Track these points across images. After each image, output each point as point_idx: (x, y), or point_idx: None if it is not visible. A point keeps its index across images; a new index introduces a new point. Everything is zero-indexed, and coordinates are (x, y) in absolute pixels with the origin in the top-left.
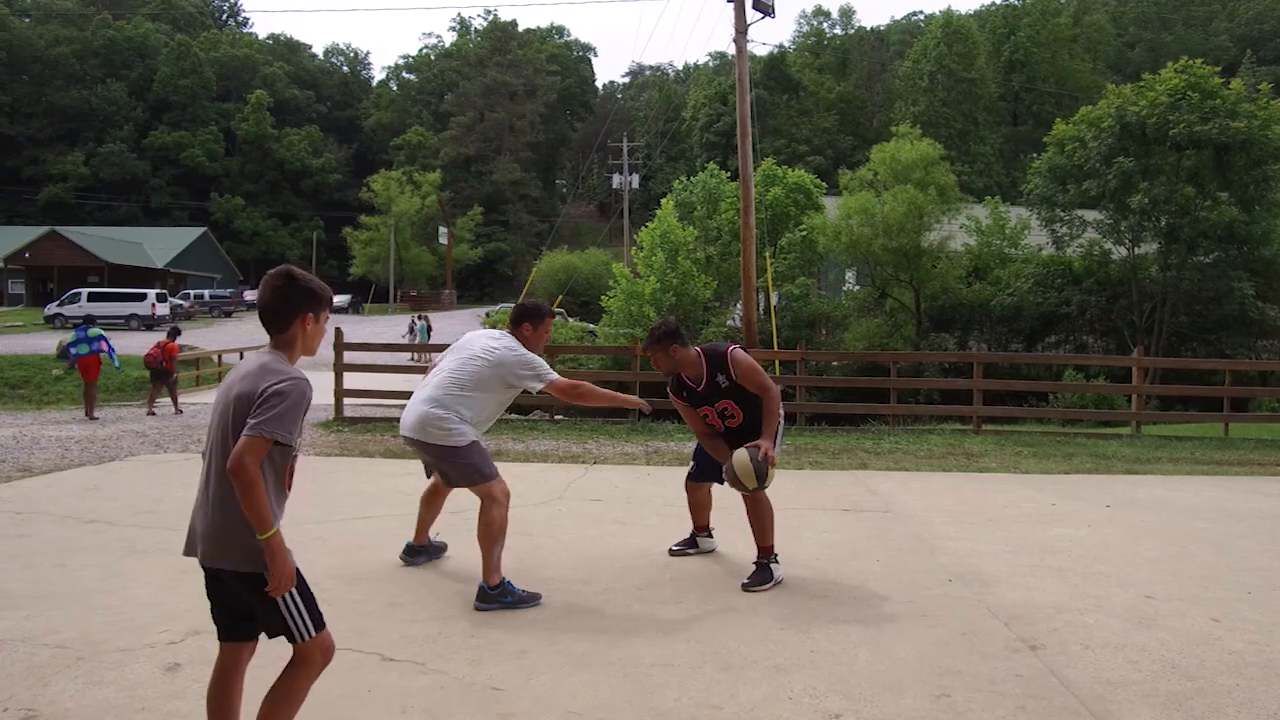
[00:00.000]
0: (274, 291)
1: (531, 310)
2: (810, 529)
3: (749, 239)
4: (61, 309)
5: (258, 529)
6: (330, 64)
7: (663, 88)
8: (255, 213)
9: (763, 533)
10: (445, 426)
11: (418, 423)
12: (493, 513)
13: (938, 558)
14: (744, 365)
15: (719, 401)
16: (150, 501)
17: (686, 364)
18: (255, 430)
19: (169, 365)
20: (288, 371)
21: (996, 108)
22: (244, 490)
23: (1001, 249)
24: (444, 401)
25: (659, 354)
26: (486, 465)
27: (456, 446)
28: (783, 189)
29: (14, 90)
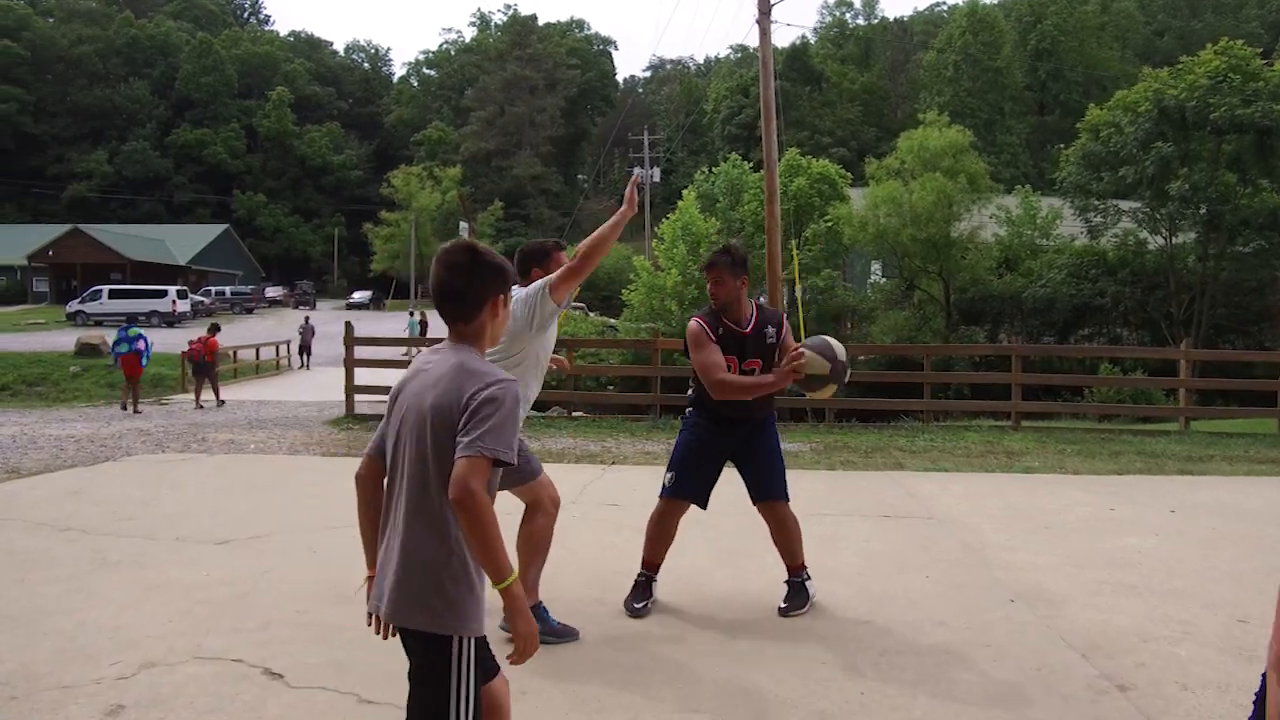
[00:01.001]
0: (457, 271)
1: (534, 251)
2: (849, 538)
3: (774, 229)
4: (83, 306)
5: (494, 575)
6: (351, 60)
7: (684, 81)
8: (277, 209)
9: (793, 550)
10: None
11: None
12: (536, 522)
13: (993, 572)
14: (787, 326)
15: (752, 358)
16: (134, 506)
17: (739, 301)
18: (474, 448)
19: (210, 359)
20: (493, 373)
21: (1023, 97)
22: (475, 524)
23: (1033, 239)
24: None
25: (727, 276)
26: (528, 465)
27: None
28: (807, 180)
29: (38, 90)
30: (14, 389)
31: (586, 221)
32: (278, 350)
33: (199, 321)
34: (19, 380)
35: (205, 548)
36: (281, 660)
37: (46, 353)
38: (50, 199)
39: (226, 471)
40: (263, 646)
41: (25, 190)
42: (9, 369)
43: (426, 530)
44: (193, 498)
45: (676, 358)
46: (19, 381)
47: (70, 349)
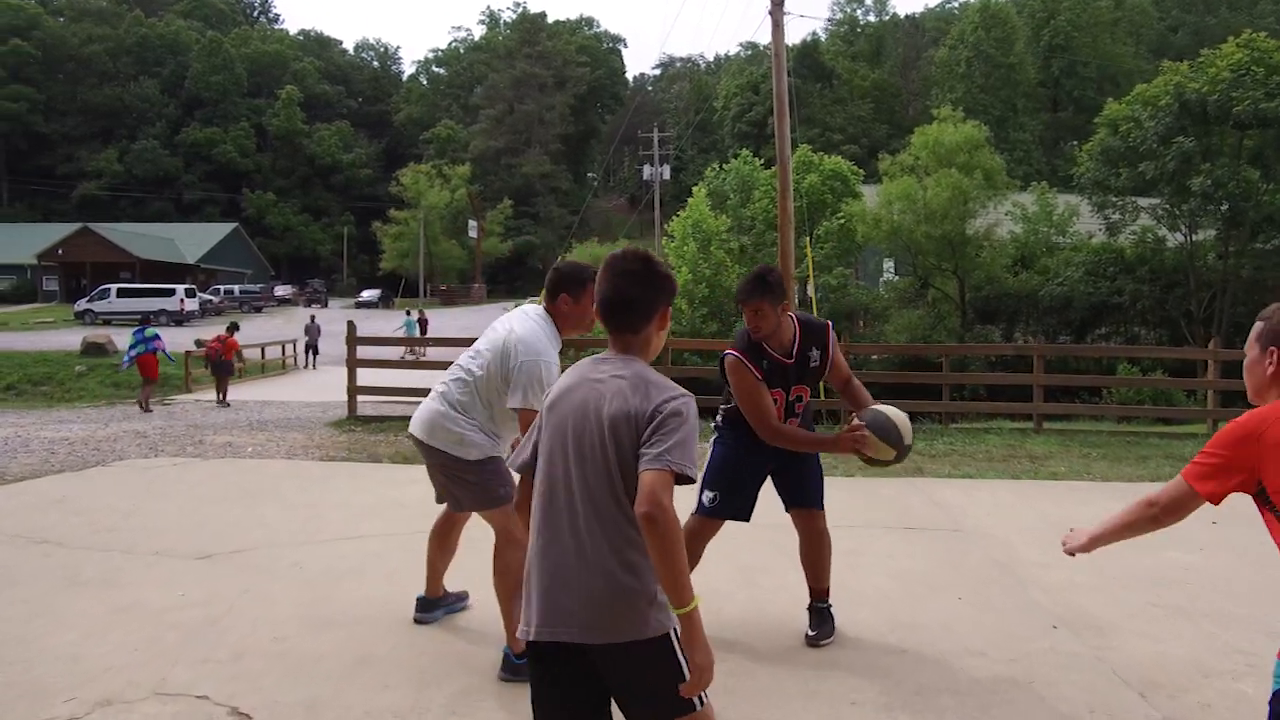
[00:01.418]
0: (631, 279)
1: (569, 275)
2: (871, 553)
3: (787, 224)
4: (91, 305)
5: (675, 598)
6: (361, 59)
7: (694, 78)
8: (287, 208)
9: (821, 570)
10: (456, 431)
11: (427, 421)
12: (509, 554)
13: (1030, 593)
14: (839, 352)
15: (799, 384)
16: (117, 516)
17: (781, 329)
18: (661, 462)
19: (229, 358)
20: (675, 386)
21: (1036, 94)
22: (665, 540)
23: (1049, 237)
24: (453, 400)
25: (768, 307)
26: (503, 486)
27: (465, 460)
28: (819, 176)
29: (49, 89)
30: (19, 388)
31: (595, 219)
32: (284, 350)
33: (208, 320)
34: (24, 379)
35: (184, 563)
36: (251, 698)
37: (52, 352)
38: (61, 198)
39: (218, 478)
40: (232, 681)
41: (36, 189)
42: (14, 368)
43: (619, 540)
44: (178, 507)
45: (686, 358)
46: (24, 381)
47: (76, 348)
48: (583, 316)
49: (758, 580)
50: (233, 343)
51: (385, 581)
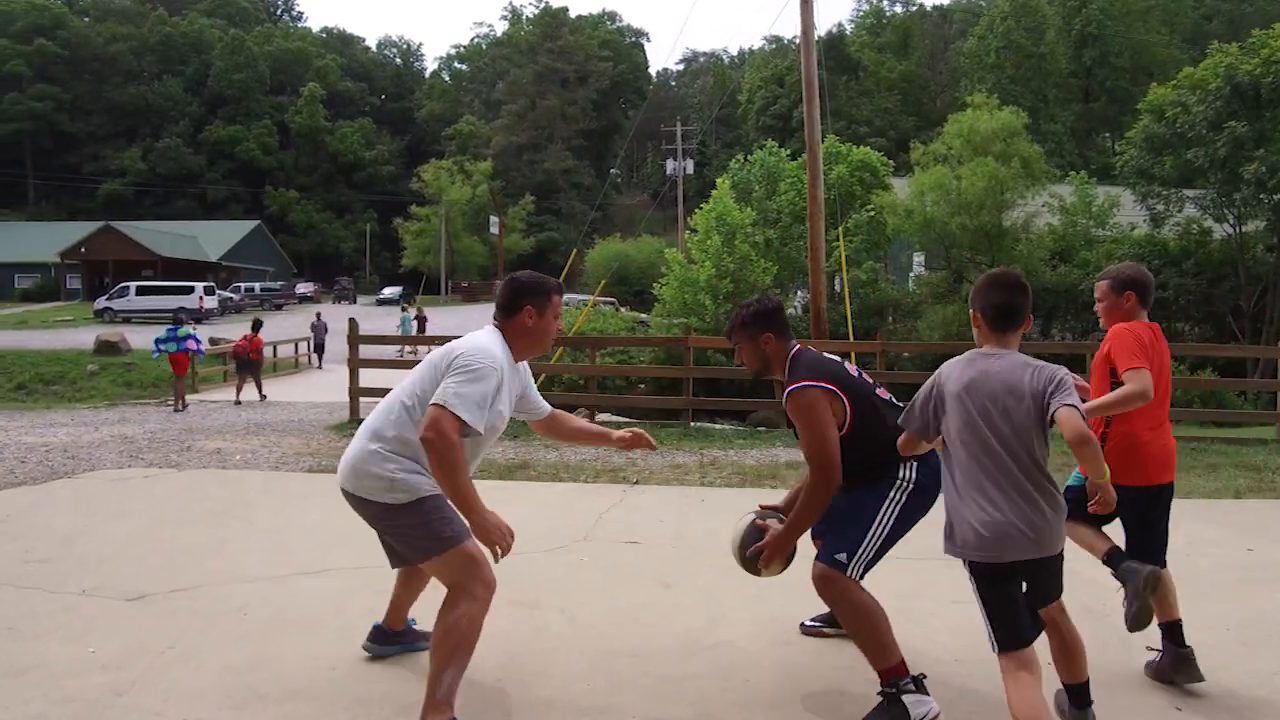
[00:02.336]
0: (1020, 292)
1: (532, 287)
2: (932, 595)
3: (817, 214)
4: (111, 303)
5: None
6: (383, 56)
7: (717, 73)
8: (309, 205)
9: (866, 647)
10: (381, 472)
11: (352, 466)
12: (458, 610)
13: (1135, 654)
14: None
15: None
16: (56, 543)
17: (775, 364)
18: (1070, 401)
19: (255, 357)
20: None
21: (1067, 84)
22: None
23: (1088, 229)
24: (385, 432)
25: (744, 343)
26: (449, 525)
27: (393, 505)
28: (847, 167)
29: (74, 88)
30: (30, 387)
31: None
32: (296, 348)
33: (228, 318)
34: (36, 379)
35: (110, 607)
36: None
37: (65, 350)
38: (86, 196)
39: (188, 493)
40: None
41: (62, 188)
42: (26, 367)
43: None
44: (130, 530)
45: (710, 356)
46: (35, 380)
47: (88, 347)
48: (544, 334)
49: (791, 635)
50: (258, 341)
51: (340, 637)
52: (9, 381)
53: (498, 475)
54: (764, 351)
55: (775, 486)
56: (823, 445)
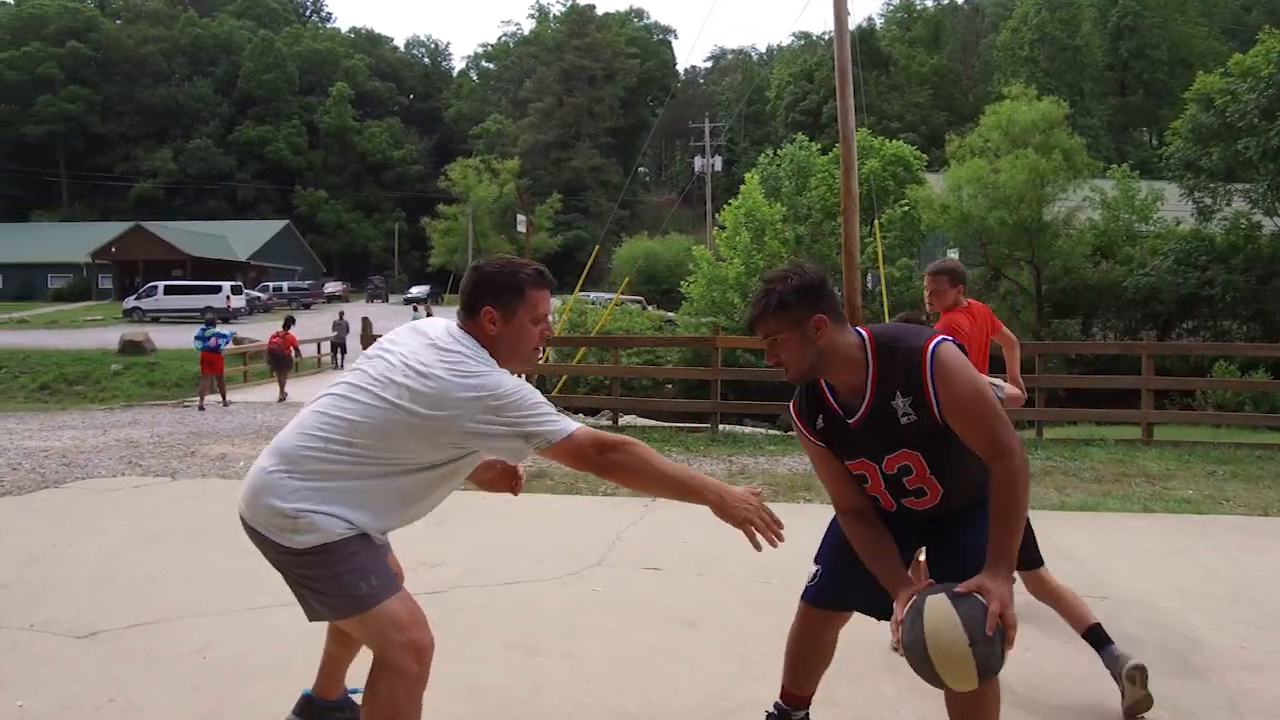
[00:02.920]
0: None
1: (492, 280)
2: None
3: (851, 208)
4: (139, 302)
5: None
6: (411, 56)
7: (745, 69)
8: (338, 205)
9: None
10: (280, 506)
11: (251, 489)
12: (381, 688)
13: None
14: (960, 383)
15: (893, 452)
16: (18, 565)
17: (835, 360)
18: None
19: (288, 354)
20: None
21: (1103, 78)
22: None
23: (1130, 224)
24: (299, 459)
25: (785, 333)
26: (363, 581)
27: (293, 550)
28: (880, 162)
29: (106, 90)
30: (54, 387)
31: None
32: (319, 348)
33: (255, 318)
34: (60, 379)
35: (56, 646)
36: None
37: (91, 350)
38: (118, 197)
39: (177, 506)
40: None
41: (94, 189)
42: (51, 367)
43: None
44: (100, 550)
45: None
46: (59, 380)
47: (112, 347)
48: (518, 344)
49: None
50: (291, 338)
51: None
52: (33, 382)
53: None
54: (815, 343)
55: (810, 499)
56: (999, 416)
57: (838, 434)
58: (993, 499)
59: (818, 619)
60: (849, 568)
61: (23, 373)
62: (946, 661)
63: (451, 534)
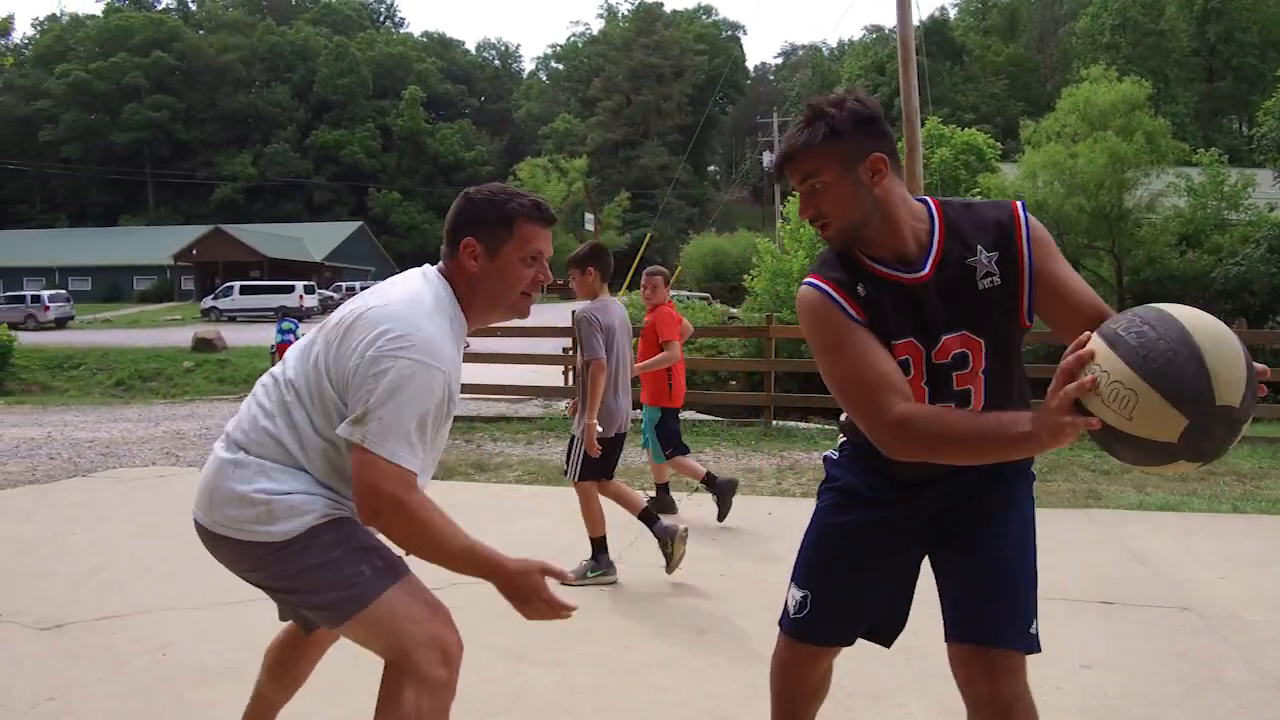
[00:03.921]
0: None
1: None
2: (1062, 661)
3: (915, 192)
4: (216, 302)
5: None
6: (482, 58)
7: (817, 64)
8: (411, 207)
9: None
10: (247, 493)
11: (207, 487)
12: (403, 703)
13: None
14: (1054, 251)
15: (956, 331)
16: (11, 553)
17: (890, 216)
18: None
19: None
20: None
21: (1189, 63)
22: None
23: (1219, 211)
24: (252, 437)
25: (830, 168)
26: (364, 560)
27: (274, 545)
28: (951, 150)
29: (188, 98)
30: (128, 383)
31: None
32: None
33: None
34: (135, 375)
35: (17, 637)
36: None
37: (166, 348)
38: (201, 201)
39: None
40: None
41: (178, 193)
42: (128, 364)
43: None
44: (99, 539)
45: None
46: (134, 376)
47: (186, 344)
48: (502, 285)
49: (854, 706)
50: None
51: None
52: (110, 378)
53: (516, 480)
54: (871, 190)
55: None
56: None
57: (888, 301)
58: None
59: (807, 654)
60: (846, 590)
61: (100, 369)
62: (1225, 368)
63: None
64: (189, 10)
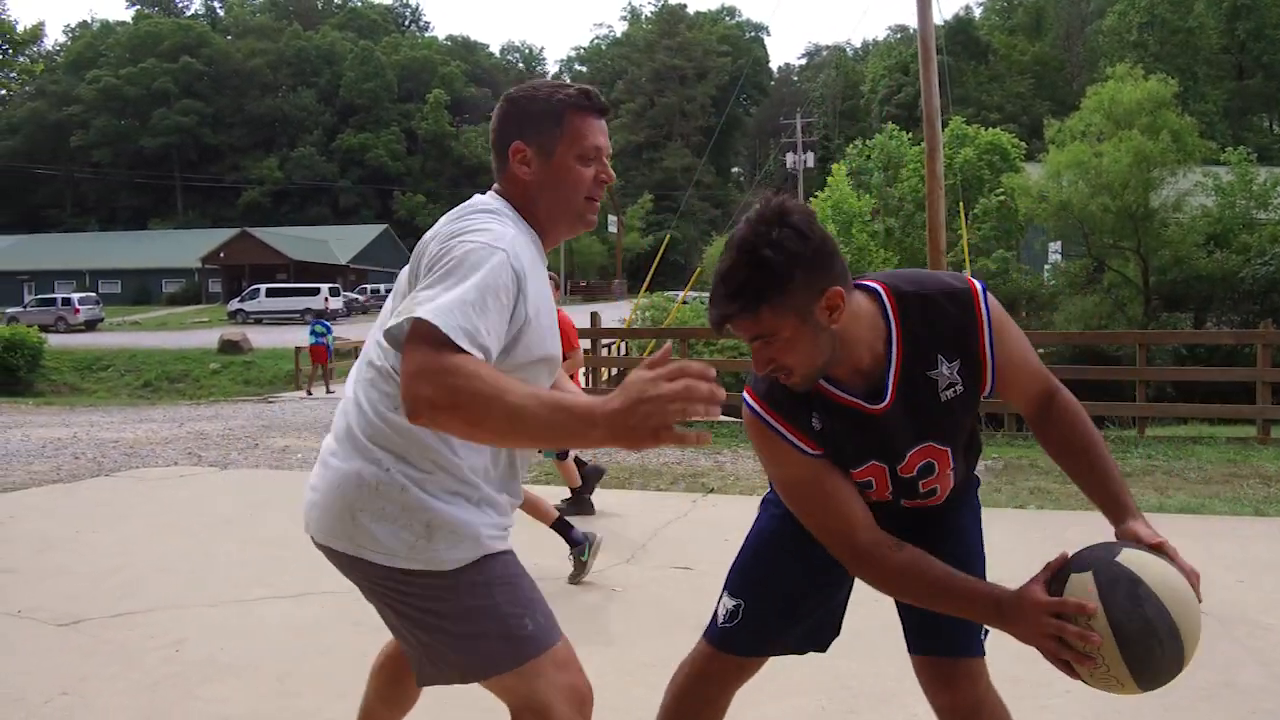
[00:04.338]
0: None
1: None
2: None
3: (936, 191)
4: (243, 305)
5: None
6: (506, 61)
7: (841, 64)
8: (436, 209)
9: None
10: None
11: (320, 501)
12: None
13: None
14: (1013, 331)
15: (922, 444)
16: (32, 550)
17: (851, 342)
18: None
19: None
20: None
21: (1218, 61)
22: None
23: (1247, 211)
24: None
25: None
26: (526, 616)
27: (417, 572)
28: (975, 150)
29: (216, 102)
30: (155, 385)
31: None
32: None
33: (353, 319)
34: (162, 376)
35: (34, 633)
36: None
37: (192, 350)
38: (228, 204)
39: (213, 495)
40: None
41: (207, 197)
42: (155, 365)
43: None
44: (119, 538)
45: None
46: (161, 378)
47: (212, 346)
48: (565, 186)
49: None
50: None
51: (271, 688)
52: (137, 379)
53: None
54: (830, 329)
55: None
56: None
57: (845, 430)
58: (1079, 442)
59: (731, 668)
60: (781, 601)
61: (129, 371)
62: (1194, 634)
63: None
64: (217, 16)
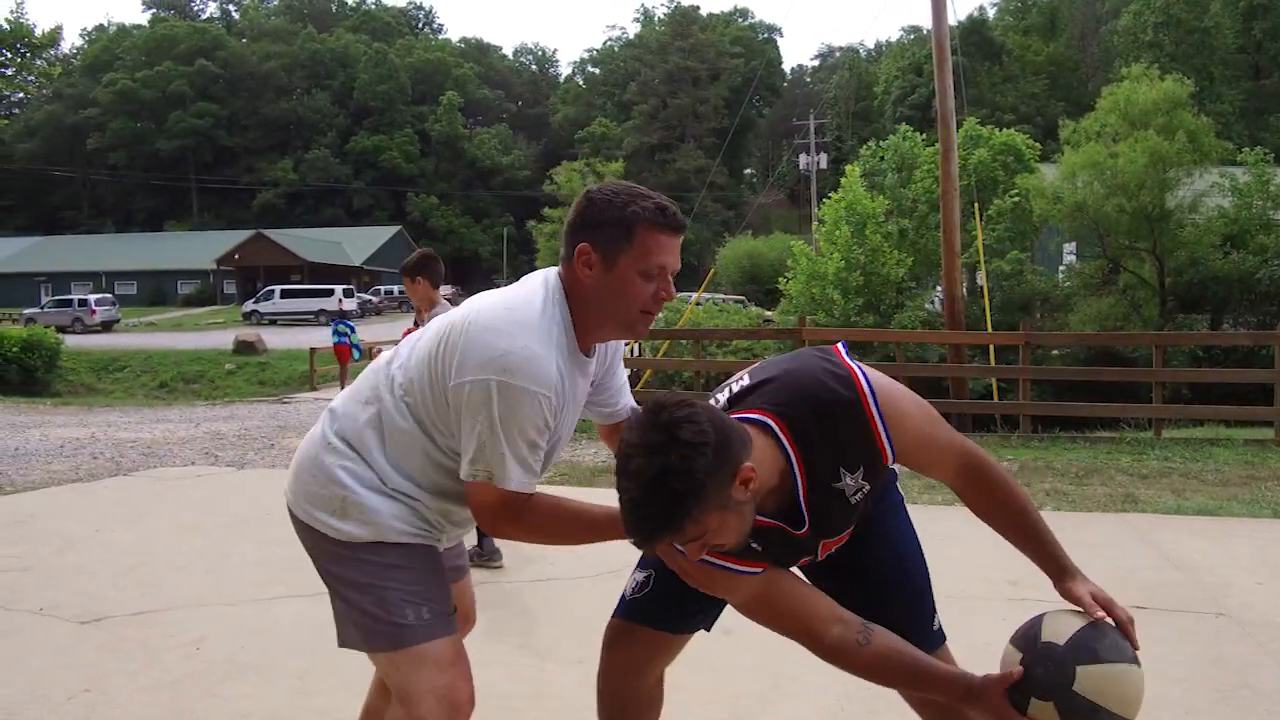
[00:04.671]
0: None
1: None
2: None
3: (950, 192)
4: (257, 306)
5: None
6: (519, 63)
7: (854, 65)
8: (449, 211)
9: None
10: (332, 478)
11: (295, 464)
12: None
13: None
14: (909, 413)
15: (840, 534)
16: (53, 549)
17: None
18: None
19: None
20: None
21: (1234, 61)
22: None
23: (1265, 211)
24: (345, 426)
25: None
26: (409, 607)
27: (334, 542)
28: (989, 151)
29: (231, 105)
30: (171, 385)
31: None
32: None
33: (367, 320)
34: (177, 377)
35: (56, 630)
36: None
37: (208, 350)
38: (243, 206)
39: (228, 495)
40: None
41: (222, 199)
42: (170, 366)
43: None
44: (137, 537)
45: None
46: (177, 379)
47: (228, 347)
48: (620, 299)
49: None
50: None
51: (290, 686)
52: (153, 380)
53: (579, 481)
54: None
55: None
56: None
57: (778, 547)
58: (1008, 511)
59: (644, 646)
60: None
61: (145, 372)
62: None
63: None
64: (232, 19)
